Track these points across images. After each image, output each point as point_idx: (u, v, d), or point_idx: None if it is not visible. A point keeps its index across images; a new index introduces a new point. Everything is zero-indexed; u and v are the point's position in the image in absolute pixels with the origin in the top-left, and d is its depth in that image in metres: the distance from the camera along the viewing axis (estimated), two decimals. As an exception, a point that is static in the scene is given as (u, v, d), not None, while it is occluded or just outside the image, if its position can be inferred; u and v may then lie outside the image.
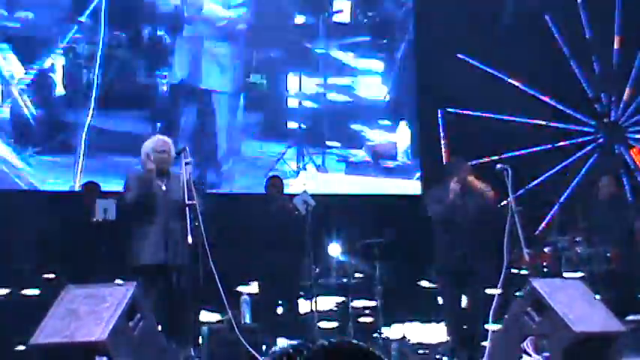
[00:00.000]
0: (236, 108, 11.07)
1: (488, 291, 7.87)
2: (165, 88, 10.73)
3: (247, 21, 11.00)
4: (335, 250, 9.58)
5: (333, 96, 11.76)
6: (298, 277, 8.94)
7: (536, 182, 11.97)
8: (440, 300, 8.51)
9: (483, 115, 12.05)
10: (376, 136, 11.91)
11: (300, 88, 11.61)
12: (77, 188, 9.84)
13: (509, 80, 12.21)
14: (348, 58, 11.95)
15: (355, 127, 11.83)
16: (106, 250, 8.13)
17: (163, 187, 6.98)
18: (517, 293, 7.54)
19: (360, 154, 11.72)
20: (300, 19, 11.72)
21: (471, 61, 12.05)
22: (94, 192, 8.79)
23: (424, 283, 10.38)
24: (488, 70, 12.11)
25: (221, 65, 10.85)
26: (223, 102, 10.95)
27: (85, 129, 10.16)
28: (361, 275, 9.69)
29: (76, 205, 8.84)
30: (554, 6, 12.24)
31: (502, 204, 8.33)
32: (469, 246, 7.92)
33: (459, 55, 12.00)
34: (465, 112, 12.07)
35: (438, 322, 8.97)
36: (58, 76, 10.31)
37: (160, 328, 6.68)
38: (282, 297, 8.97)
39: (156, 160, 7.01)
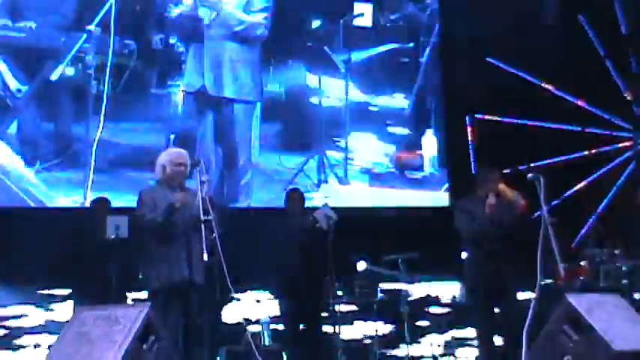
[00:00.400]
0: (253, 118, 11.09)
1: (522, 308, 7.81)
2: (179, 98, 10.78)
3: (267, 26, 11.03)
4: (362, 266, 9.57)
5: (355, 104, 11.76)
6: (320, 295, 8.91)
7: (571, 192, 11.91)
8: (471, 319, 8.46)
9: (514, 121, 12.01)
10: (402, 145, 11.90)
11: (320, 102, 11.60)
12: (87, 204, 9.88)
13: (542, 84, 12.17)
14: (370, 63, 11.96)
15: (380, 136, 11.82)
16: (118, 269, 8.15)
17: (177, 204, 6.98)
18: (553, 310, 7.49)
19: (384, 165, 11.72)
20: (318, 24, 11.74)
21: (500, 64, 12.03)
22: (105, 208, 8.82)
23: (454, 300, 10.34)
24: (520, 73, 12.08)
25: (238, 73, 10.88)
26: (241, 112, 10.97)
27: (95, 142, 10.21)
28: (385, 294, 9.66)
29: (86, 223, 8.87)
30: (588, 4, 12.18)
31: (535, 215, 8.28)
32: (502, 261, 7.86)
33: (489, 59, 11.97)
34: (494, 118, 12.03)
35: (469, 343, 8.93)
36: (66, 88, 10.39)
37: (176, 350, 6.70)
38: (304, 316, 8.94)
39: (172, 174, 7.05)
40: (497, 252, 7.83)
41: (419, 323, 9.97)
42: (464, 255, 8.84)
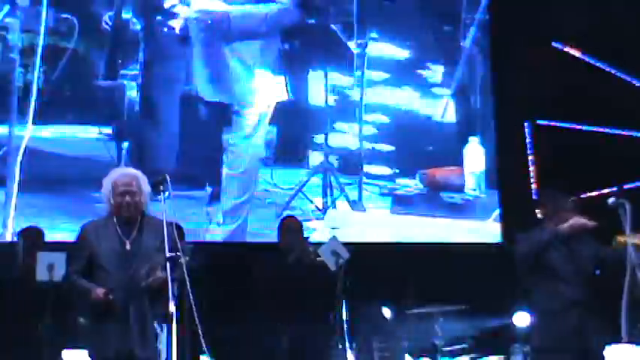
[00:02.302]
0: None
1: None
2: (135, 93, 10.82)
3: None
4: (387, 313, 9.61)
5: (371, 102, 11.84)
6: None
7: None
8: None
9: (591, 129, 12.02)
10: (436, 158, 11.95)
11: (327, 92, 11.68)
12: (9, 237, 9.88)
13: (631, 80, 12.18)
14: (391, 50, 12.02)
15: (406, 145, 11.86)
16: (50, 323, 8.13)
17: (127, 247, 6.81)
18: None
19: (412, 185, 11.76)
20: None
21: (572, 52, 12.06)
22: (36, 241, 8.76)
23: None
24: (599, 64, 12.11)
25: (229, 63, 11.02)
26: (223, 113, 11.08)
27: (21, 151, 10.23)
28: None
29: (6, 261, 8.86)
30: None
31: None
32: (585, 313, 7.85)
33: (555, 44, 12.01)
34: (563, 125, 12.05)
35: None
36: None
37: None
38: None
39: (117, 207, 6.82)
40: (580, 300, 7.79)
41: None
42: (522, 319, 8.90)
